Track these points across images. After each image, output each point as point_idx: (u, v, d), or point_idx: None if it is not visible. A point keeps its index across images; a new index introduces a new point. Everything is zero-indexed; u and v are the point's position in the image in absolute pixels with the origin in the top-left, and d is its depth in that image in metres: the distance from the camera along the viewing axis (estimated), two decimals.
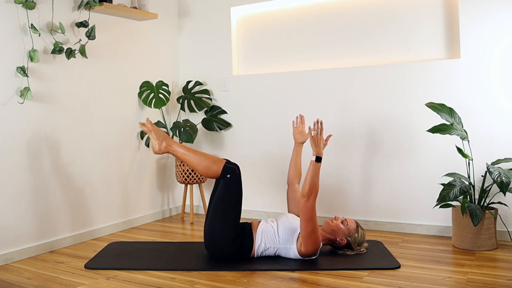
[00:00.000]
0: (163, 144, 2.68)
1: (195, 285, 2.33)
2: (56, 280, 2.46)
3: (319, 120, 2.61)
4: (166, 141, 2.69)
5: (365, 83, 3.39)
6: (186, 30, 4.15)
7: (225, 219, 2.59)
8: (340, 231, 2.67)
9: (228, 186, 2.61)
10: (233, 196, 2.61)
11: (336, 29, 3.54)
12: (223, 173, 2.60)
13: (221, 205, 2.60)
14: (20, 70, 2.83)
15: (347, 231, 2.67)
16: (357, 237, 2.68)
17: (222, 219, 2.59)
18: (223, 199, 2.61)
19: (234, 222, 2.61)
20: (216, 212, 2.60)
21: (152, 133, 2.69)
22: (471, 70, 3.05)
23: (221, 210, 2.59)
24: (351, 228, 2.68)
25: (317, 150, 2.51)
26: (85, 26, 3.17)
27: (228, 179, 2.60)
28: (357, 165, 3.44)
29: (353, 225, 2.70)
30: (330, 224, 2.69)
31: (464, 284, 2.24)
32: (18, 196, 2.85)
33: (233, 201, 2.61)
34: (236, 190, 2.62)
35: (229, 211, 2.60)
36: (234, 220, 2.61)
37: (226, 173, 2.60)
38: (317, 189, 2.45)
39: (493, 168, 2.68)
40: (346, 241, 2.68)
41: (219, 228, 2.59)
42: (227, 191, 2.61)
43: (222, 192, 2.62)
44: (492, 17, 2.96)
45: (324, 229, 2.71)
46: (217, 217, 2.59)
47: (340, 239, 2.67)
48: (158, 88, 3.75)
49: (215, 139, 4.01)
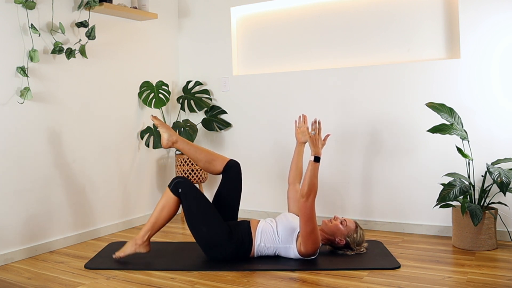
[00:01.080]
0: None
1: (195, 285, 2.33)
2: (56, 280, 2.46)
3: (317, 120, 2.60)
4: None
5: (365, 83, 3.39)
6: (186, 30, 4.15)
7: (207, 224, 2.60)
8: (339, 231, 2.67)
9: (186, 199, 2.61)
10: (196, 204, 2.61)
11: (336, 29, 3.54)
12: (174, 192, 2.60)
13: (193, 219, 2.61)
14: (20, 70, 2.83)
15: (346, 232, 2.67)
16: (356, 238, 2.68)
17: (204, 226, 2.60)
18: (191, 211, 2.61)
19: (217, 222, 2.61)
20: (194, 226, 2.61)
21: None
22: (471, 70, 3.05)
23: (197, 222, 2.60)
24: (350, 229, 2.68)
25: (316, 150, 2.51)
26: (85, 26, 3.17)
27: (182, 193, 2.60)
28: (357, 165, 3.44)
29: (352, 225, 2.70)
30: (328, 225, 2.69)
31: (464, 284, 2.24)
32: (18, 196, 2.85)
33: (199, 208, 2.61)
34: (194, 198, 2.62)
35: (204, 217, 2.60)
36: (216, 221, 2.61)
37: (177, 190, 2.61)
38: (316, 189, 2.45)
39: (493, 168, 2.68)
40: (345, 242, 2.68)
41: (207, 234, 2.60)
42: (188, 203, 2.61)
43: (185, 207, 2.62)
44: (492, 17, 2.96)
45: (323, 229, 2.71)
46: (199, 227, 2.60)
47: (339, 239, 2.67)
48: (158, 88, 3.75)
49: (215, 139, 4.01)
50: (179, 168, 3.77)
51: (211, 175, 3.98)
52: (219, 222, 2.61)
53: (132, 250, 2.68)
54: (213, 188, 3.94)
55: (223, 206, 2.78)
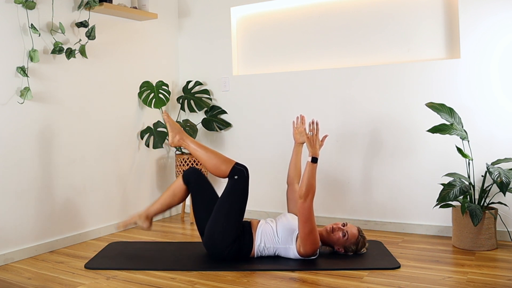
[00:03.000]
0: (176, 137, 2.78)
1: (195, 285, 2.33)
2: (56, 280, 2.46)
3: (314, 121, 2.60)
4: (180, 134, 2.79)
5: (365, 83, 3.39)
6: (186, 30, 4.15)
7: (228, 220, 2.58)
8: (339, 242, 2.67)
9: (234, 187, 2.61)
10: (238, 198, 2.61)
11: (336, 29, 3.54)
12: (231, 174, 2.61)
13: (226, 206, 2.60)
14: (20, 70, 2.83)
15: (346, 243, 2.67)
16: (354, 249, 2.68)
17: (225, 220, 2.58)
18: (228, 200, 2.60)
19: (236, 224, 2.61)
20: (220, 212, 2.60)
21: (168, 125, 2.81)
22: (471, 70, 3.05)
23: (225, 211, 2.59)
24: (350, 242, 2.67)
25: (313, 151, 2.50)
26: (85, 26, 3.17)
27: (235, 180, 2.60)
28: (357, 165, 3.44)
29: (353, 237, 2.67)
30: (330, 235, 2.68)
31: (464, 284, 2.24)
32: (18, 196, 2.85)
33: (238, 203, 2.61)
34: (242, 192, 2.62)
35: (233, 213, 2.60)
36: (236, 221, 2.61)
37: (234, 174, 2.60)
38: (314, 190, 2.45)
39: (493, 168, 2.68)
40: (344, 250, 2.69)
41: (221, 229, 2.58)
42: (233, 192, 2.61)
43: (228, 192, 2.61)
44: (492, 17, 2.96)
45: (323, 234, 2.70)
46: (220, 217, 2.59)
47: (337, 248, 2.69)
48: (158, 88, 3.75)
49: (215, 139, 4.01)
50: (179, 168, 3.77)
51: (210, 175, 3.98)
52: (236, 227, 2.60)
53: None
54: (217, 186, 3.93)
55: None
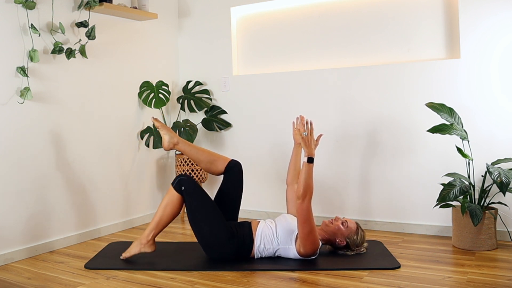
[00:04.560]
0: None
1: (195, 285, 2.33)
2: (56, 280, 2.46)
3: (308, 121, 2.60)
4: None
5: (365, 83, 3.39)
6: (186, 30, 4.15)
7: (209, 223, 2.60)
8: (339, 232, 2.66)
9: (189, 197, 2.61)
10: (199, 203, 2.61)
11: (336, 29, 3.54)
12: (177, 189, 2.61)
13: (195, 217, 2.61)
14: (20, 70, 2.83)
15: (347, 233, 2.67)
16: (356, 239, 2.68)
17: (206, 224, 2.60)
18: (193, 209, 2.60)
19: (220, 223, 2.61)
20: (196, 223, 2.61)
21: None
22: (471, 70, 3.05)
23: (199, 221, 2.61)
24: (351, 230, 2.67)
25: (309, 151, 2.50)
26: (85, 26, 3.17)
27: (185, 191, 2.60)
28: (357, 165, 3.44)
29: (353, 227, 2.69)
30: (329, 226, 2.69)
31: (464, 284, 2.24)
32: (18, 196, 2.85)
33: (202, 207, 2.61)
34: (198, 196, 2.62)
35: (207, 216, 2.60)
36: (218, 221, 2.61)
37: (180, 188, 2.61)
38: (311, 190, 2.45)
39: (493, 168, 2.68)
40: (346, 243, 2.68)
41: (208, 233, 2.60)
42: (191, 202, 2.61)
43: (187, 205, 2.62)
44: (491, 17, 2.96)
45: (323, 229, 2.71)
46: (201, 225, 2.60)
47: (339, 240, 2.68)
48: (158, 88, 3.75)
49: (215, 139, 4.01)
50: (179, 168, 3.77)
51: (211, 175, 3.98)
52: (221, 222, 2.61)
53: (137, 250, 2.68)
54: (213, 188, 3.94)
55: (224, 206, 2.77)
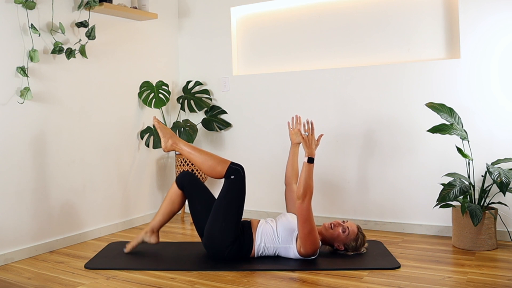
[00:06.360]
0: (169, 142, 2.76)
1: (195, 285, 2.33)
2: (56, 280, 2.46)
3: (309, 121, 2.60)
4: (172, 139, 2.76)
5: (365, 83, 3.39)
6: (186, 30, 4.15)
7: (226, 220, 2.58)
8: (339, 238, 2.66)
9: (231, 187, 2.60)
10: (235, 198, 2.61)
11: (336, 29, 3.54)
12: (227, 174, 2.60)
13: (223, 206, 2.60)
14: (20, 70, 2.83)
15: (346, 240, 2.66)
16: (354, 246, 2.67)
17: (223, 220, 2.58)
18: (226, 199, 2.60)
19: (235, 224, 2.60)
20: (218, 212, 2.60)
21: (159, 130, 2.77)
22: (471, 70, 3.05)
23: (223, 211, 2.59)
24: (350, 238, 2.66)
25: (309, 151, 2.50)
26: (85, 26, 3.17)
27: (232, 180, 2.60)
28: (357, 165, 3.44)
29: (353, 234, 2.67)
30: (329, 231, 2.67)
31: (464, 284, 2.24)
32: (18, 196, 2.85)
33: (235, 203, 2.61)
34: (239, 192, 2.62)
35: (231, 212, 2.59)
36: (235, 221, 2.60)
37: (230, 174, 2.60)
38: (311, 190, 2.45)
39: (493, 168, 2.68)
40: (344, 248, 2.69)
41: (219, 229, 2.58)
42: (230, 192, 2.61)
43: (225, 192, 2.61)
44: (491, 17, 2.96)
45: (322, 232, 2.69)
46: (218, 218, 2.59)
47: (337, 245, 2.68)
48: (158, 88, 3.75)
49: (215, 139, 4.01)
50: (179, 168, 3.77)
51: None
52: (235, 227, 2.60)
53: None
54: (212, 188, 3.94)
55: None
